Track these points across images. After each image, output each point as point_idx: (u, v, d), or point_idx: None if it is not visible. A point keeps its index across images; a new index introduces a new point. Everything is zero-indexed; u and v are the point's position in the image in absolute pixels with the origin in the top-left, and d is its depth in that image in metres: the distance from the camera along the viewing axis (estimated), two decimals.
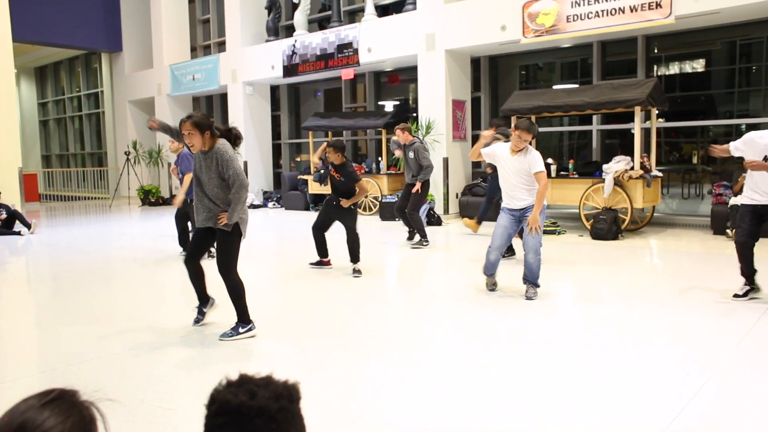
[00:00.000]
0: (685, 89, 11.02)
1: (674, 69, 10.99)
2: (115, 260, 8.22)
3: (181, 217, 7.87)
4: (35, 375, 3.87)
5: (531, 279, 5.43)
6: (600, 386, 3.38)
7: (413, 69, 12.53)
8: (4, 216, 10.76)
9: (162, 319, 5.00)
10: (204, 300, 4.70)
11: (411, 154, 8.35)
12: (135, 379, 3.64)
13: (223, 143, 4.23)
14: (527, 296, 5.37)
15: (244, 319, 4.36)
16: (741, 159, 5.16)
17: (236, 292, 4.31)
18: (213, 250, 8.44)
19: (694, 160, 11.07)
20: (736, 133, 10.50)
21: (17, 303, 6.10)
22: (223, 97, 16.93)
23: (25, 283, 7.24)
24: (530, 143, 5.45)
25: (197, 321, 4.69)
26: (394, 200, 11.25)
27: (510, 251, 7.23)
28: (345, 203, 6.48)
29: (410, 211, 8.38)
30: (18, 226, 10.85)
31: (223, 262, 4.28)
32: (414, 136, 8.53)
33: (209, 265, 4.62)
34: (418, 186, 8.28)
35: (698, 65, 10.92)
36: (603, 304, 5.24)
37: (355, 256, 6.55)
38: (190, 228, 7.78)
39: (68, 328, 4.83)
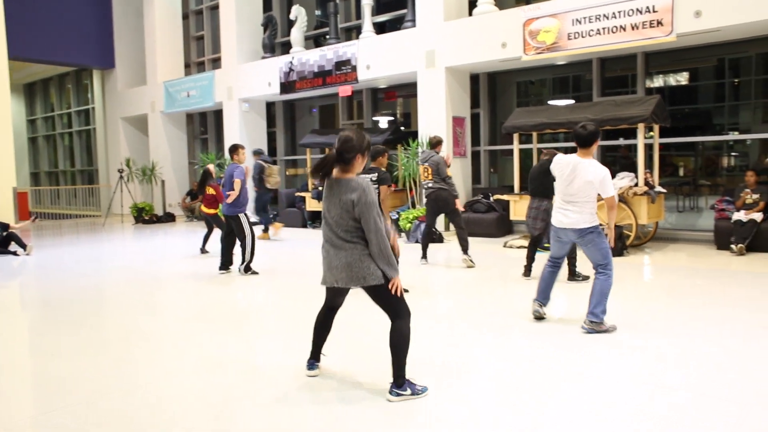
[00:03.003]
0: (678, 103, 11.09)
1: (670, 84, 11.08)
2: (121, 283, 8.03)
3: (228, 236, 8.27)
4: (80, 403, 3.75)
5: (589, 306, 4.88)
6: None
7: (409, 85, 12.55)
8: (5, 234, 10.56)
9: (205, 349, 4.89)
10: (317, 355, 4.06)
11: None
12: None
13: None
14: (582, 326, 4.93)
15: (401, 374, 3.59)
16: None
17: (400, 344, 3.61)
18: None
19: (681, 173, 11.16)
20: (726, 147, 10.65)
21: (21, 329, 5.95)
22: (218, 114, 16.86)
23: (30, 309, 7.07)
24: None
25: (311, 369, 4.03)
26: (394, 217, 11.19)
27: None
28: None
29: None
30: (13, 246, 10.66)
31: (391, 309, 3.65)
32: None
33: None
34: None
35: (692, 80, 11.03)
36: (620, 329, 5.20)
37: None
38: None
39: (89, 357, 4.71)
